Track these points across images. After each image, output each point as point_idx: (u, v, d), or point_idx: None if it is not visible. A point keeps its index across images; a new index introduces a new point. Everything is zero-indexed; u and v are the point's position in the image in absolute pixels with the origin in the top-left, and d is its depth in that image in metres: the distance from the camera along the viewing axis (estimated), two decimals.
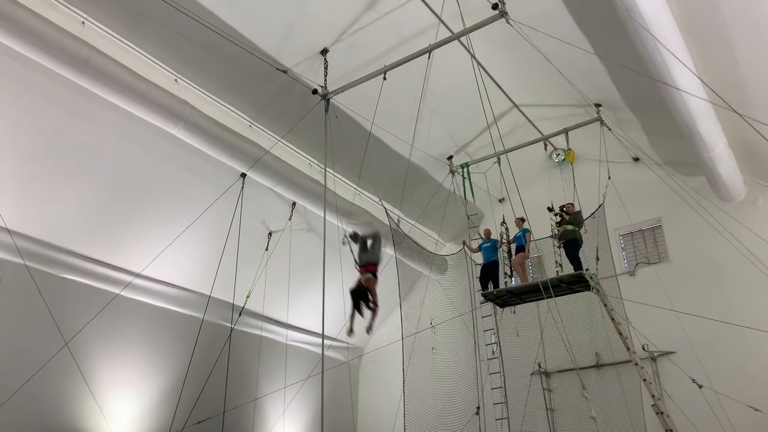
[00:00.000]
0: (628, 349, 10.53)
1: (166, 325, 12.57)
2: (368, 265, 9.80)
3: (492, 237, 13.13)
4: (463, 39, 9.86)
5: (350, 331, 9.53)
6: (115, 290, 11.20)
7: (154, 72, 10.19)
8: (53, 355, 10.01)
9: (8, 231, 9.64)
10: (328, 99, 10.72)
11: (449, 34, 10.28)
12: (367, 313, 9.54)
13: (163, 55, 10.32)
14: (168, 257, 11.39)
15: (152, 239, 11.50)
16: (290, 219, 13.34)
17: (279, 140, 11.62)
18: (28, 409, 9.94)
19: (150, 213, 11.50)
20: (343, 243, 10.19)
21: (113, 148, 10.53)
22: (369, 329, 9.60)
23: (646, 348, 12.79)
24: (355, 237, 10.22)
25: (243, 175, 11.66)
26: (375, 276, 9.68)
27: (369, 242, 10.15)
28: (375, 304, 9.52)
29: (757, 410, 10.70)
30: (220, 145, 10.74)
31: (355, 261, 10.05)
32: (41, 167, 9.95)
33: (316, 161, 13.18)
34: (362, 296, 9.50)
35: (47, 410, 10.35)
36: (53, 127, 9.79)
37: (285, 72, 10.57)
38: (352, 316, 9.58)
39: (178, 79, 10.65)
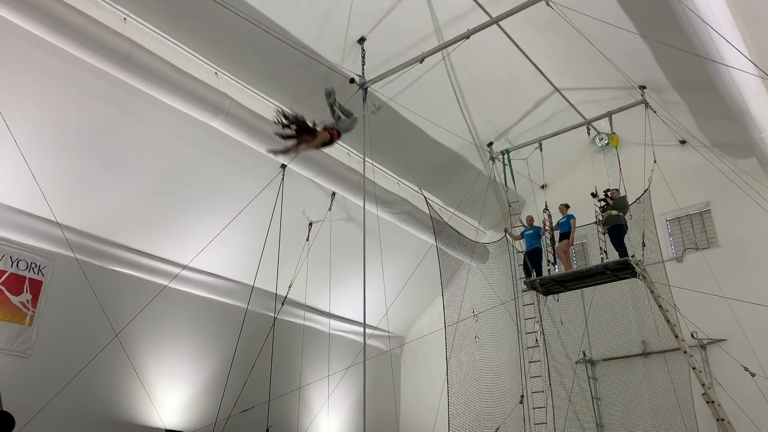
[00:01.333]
0: (677, 336, 10.28)
1: (212, 316, 12.80)
2: (334, 130, 8.58)
3: (534, 224, 12.95)
4: (502, 23, 9.69)
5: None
6: (162, 281, 11.45)
7: (194, 66, 10.31)
8: (104, 346, 10.30)
9: (58, 224, 9.91)
10: (366, 88, 10.69)
11: (487, 18, 10.13)
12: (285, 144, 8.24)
13: (202, 49, 10.44)
14: (212, 249, 11.58)
15: (196, 231, 11.70)
16: (330, 209, 13.40)
17: (318, 131, 11.62)
18: (81, 398, 10.27)
19: (194, 205, 11.69)
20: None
21: (157, 142, 10.72)
22: (273, 152, 8.54)
23: (695, 335, 12.47)
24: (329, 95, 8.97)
25: (283, 166, 11.75)
26: (332, 141, 8.52)
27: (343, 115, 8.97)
28: (299, 145, 8.22)
29: None
30: (261, 137, 10.81)
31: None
32: (89, 162, 10.21)
33: (354, 151, 13.18)
34: (306, 132, 8.12)
35: (99, 400, 10.67)
36: (100, 122, 10.03)
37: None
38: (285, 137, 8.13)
39: (218, 72, 10.77)
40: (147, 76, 9.28)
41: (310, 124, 8.11)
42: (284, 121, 7.93)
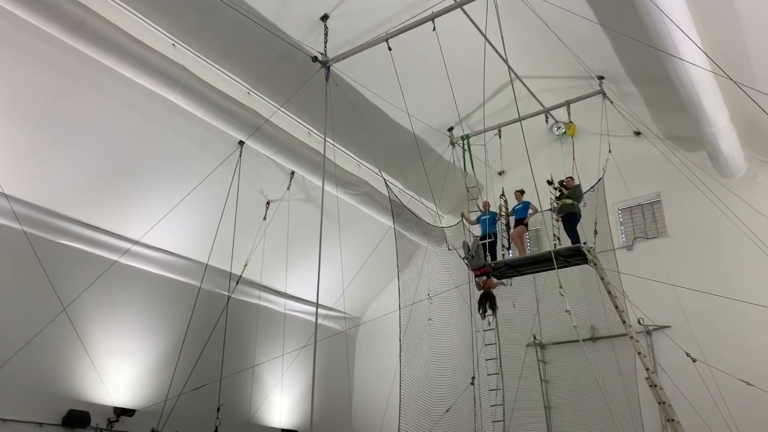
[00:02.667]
0: (624, 322, 10.55)
1: (164, 293, 12.61)
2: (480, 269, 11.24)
3: (490, 209, 13.07)
4: (466, 7, 9.69)
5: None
6: (114, 257, 11.21)
7: (150, 36, 10.04)
8: (51, 320, 10.06)
9: (5, 196, 9.59)
10: (329, 66, 10.58)
11: (453, 2, 10.11)
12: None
13: (160, 19, 10.16)
14: (166, 225, 11.38)
15: (150, 206, 11.47)
16: (288, 188, 13.29)
17: (278, 108, 11.51)
18: (26, 373, 10.01)
19: (148, 180, 11.45)
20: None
21: (111, 114, 10.44)
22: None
23: (641, 322, 12.87)
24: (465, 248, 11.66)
25: (241, 143, 11.58)
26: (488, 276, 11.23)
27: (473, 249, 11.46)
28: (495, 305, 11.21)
29: (749, 384, 10.78)
30: (218, 112, 10.65)
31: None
32: (38, 132, 9.88)
33: (315, 130, 13.08)
34: (488, 298, 11.17)
35: (45, 375, 10.43)
36: (51, 91, 9.70)
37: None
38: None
39: (175, 44, 10.50)
40: (101, 44, 9.03)
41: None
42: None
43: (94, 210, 11.20)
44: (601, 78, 12.80)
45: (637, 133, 14.35)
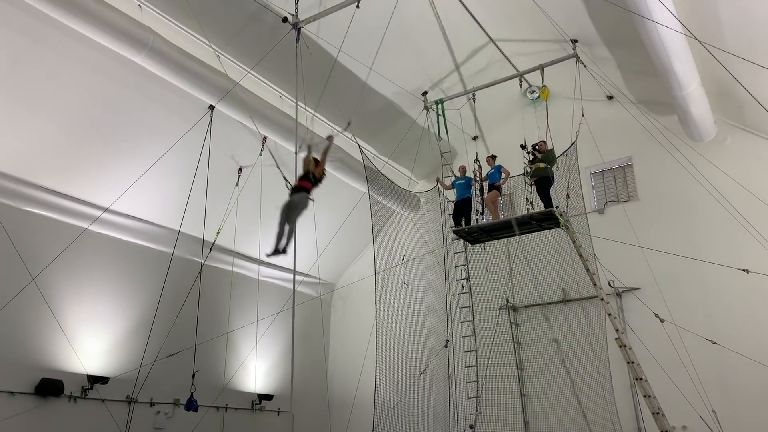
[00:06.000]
0: (595, 284, 10.74)
1: (136, 260, 12.46)
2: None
3: (467, 174, 13.10)
4: None
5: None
6: (83, 224, 11.00)
7: None
8: (20, 290, 9.87)
9: None
10: (299, 28, 10.36)
11: None
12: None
13: None
14: (136, 192, 11.14)
15: (120, 173, 11.23)
16: (261, 154, 13.10)
17: (248, 72, 11.26)
18: None
19: (116, 146, 11.20)
20: None
21: (76, 77, 10.13)
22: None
23: (612, 284, 13.10)
24: None
25: (211, 107, 11.35)
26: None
27: None
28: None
29: (714, 343, 11.11)
30: (187, 75, 10.38)
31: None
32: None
33: (287, 95, 12.86)
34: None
35: (16, 344, 10.30)
36: (12, 53, 9.35)
37: None
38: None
39: (141, 5, 10.17)
40: (63, 4, 8.70)
41: None
42: None
43: (61, 177, 10.95)
44: (574, 41, 12.74)
45: (610, 98, 14.40)
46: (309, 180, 9.07)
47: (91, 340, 11.41)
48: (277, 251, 8.79)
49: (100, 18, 9.07)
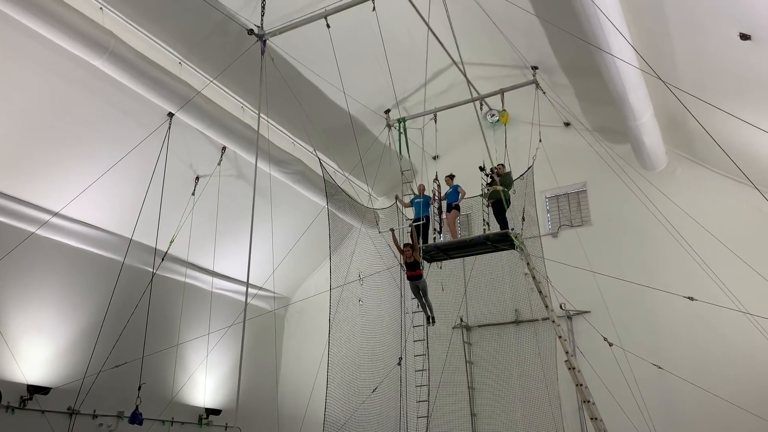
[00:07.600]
0: (547, 306, 10.88)
1: (85, 268, 12.12)
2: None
3: (425, 193, 13.18)
4: None
5: None
6: (30, 228, 10.65)
7: None
8: None
9: None
10: (265, 40, 10.32)
11: None
12: None
13: None
14: (88, 197, 10.88)
15: (72, 177, 10.95)
16: (219, 164, 12.96)
17: (211, 81, 11.16)
18: None
19: (70, 149, 10.92)
20: None
21: (31, 77, 9.86)
22: None
23: (563, 307, 13.32)
24: None
25: (170, 114, 11.18)
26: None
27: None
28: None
29: (660, 368, 11.39)
30: (147, 82, 10.22)
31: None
32: None
33: (249, 106, 12.77)
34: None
35: None
36: None
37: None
38: None
39: (103, 8, 10.00)
40: (22, 3, 8.47)
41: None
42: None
43: (10, 179, 10.59)
44: (535, 68, 13.05)
45: (567, 124, 14.76)
46: (419, 266, 11.35)
47: (33, 348, 11.01)
48: (428, 319, 12.06)
49: (60, 19, 8.87)
